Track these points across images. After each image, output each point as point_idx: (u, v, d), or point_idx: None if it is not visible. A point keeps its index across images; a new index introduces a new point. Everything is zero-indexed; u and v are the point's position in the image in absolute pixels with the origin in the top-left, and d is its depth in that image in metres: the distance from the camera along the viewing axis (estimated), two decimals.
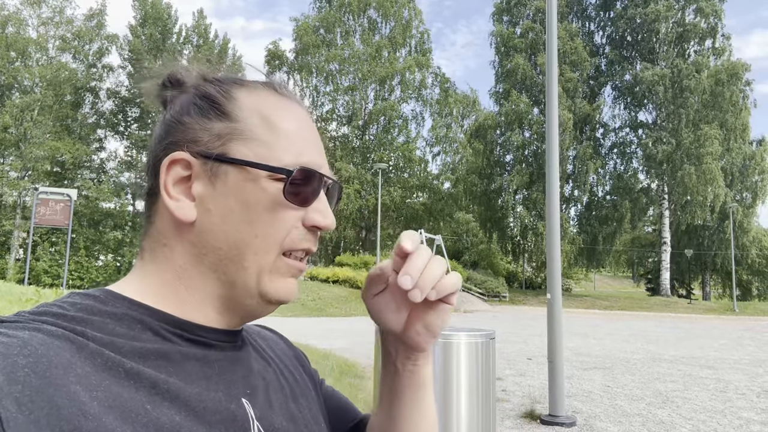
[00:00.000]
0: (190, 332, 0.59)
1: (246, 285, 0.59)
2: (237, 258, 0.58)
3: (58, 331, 0.49)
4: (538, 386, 7.76)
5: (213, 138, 0.60)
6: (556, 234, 6.49)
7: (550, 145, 6.54)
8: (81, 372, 0.46)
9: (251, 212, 0.58)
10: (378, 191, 26.31)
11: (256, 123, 0.60)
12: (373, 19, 41.90)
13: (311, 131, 0.64)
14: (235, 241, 0.58)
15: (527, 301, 34.43)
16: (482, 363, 2.54)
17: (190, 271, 0.59)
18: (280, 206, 0.59)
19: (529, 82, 37.93)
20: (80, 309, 0.53)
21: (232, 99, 0.62)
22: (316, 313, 20.16)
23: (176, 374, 0.54)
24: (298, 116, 0.64)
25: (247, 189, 0.59)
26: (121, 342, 0.52)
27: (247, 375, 0.62)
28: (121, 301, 0.57)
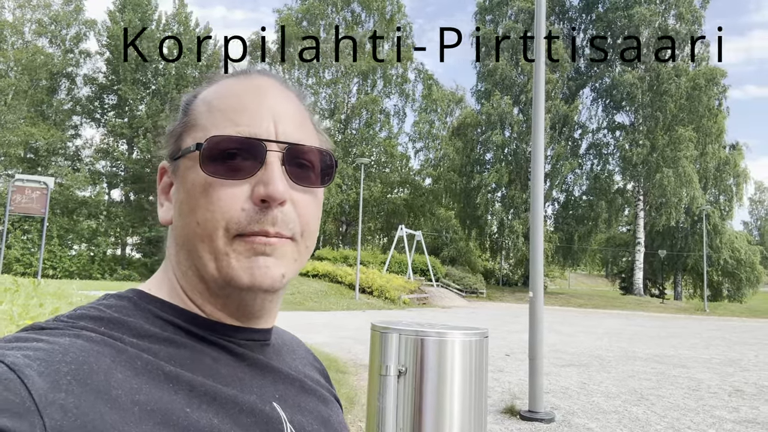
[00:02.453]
0: (221, 333, 0.59)
1: (211, 275, 0.57)
2: (192, 250, 0.57)
3: (97, 336, 0.49)
4: (516, 382, 7.87)
5: (172, 138, 0.62)
6: (540, 232, 6.59)
7: (536, 145, 6.63)
8: (121, 377, 0.46)
9: (191, 199, 0.57)
10: (359, 186, 26.29)
11: (201, 110, 0.60)
12: (356, 13, 41.76)
13: (256, 99, 0.59)
14: (187, 233, 0.58)
15: (504, 297, 34.82)
16: (476, 361, 2.61)
17: (181, 270, 0.60)
18: (213, 186, 0.56)
19: (510, 82, 38.23)
20: (116, 311, 0.54)
21: (194, 98, 0.63)
22: (295, 307, 20.10)
23: (212, 377, 0.54)
24: (244, 88, 0.61)
25: (188, 177, 0.58)
26: (157, 346, 0.52)
27: (277, 379, 0.63)
28: (152, 302, 0.58)
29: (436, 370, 2.60)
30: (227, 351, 0.58)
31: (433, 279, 32.05)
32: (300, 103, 0.64)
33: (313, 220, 0.61)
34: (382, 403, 2.39)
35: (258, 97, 0.59)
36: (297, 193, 0.58)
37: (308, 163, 0.60)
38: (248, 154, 0.56)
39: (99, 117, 39.56)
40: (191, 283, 0.59)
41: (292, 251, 0.59)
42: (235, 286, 0.56)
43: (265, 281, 0.56)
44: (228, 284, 0.56)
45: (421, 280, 30.74)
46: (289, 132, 0.59)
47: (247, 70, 0.64)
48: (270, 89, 0.61)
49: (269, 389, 0.60)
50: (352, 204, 37.16)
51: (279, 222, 0.56)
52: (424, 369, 2.50)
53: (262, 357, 0.62)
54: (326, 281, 25.27)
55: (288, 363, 0.68)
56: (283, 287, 0.60)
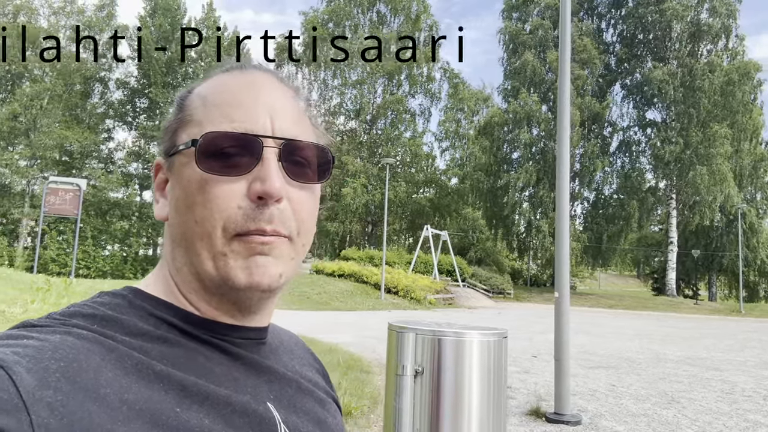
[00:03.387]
0: (215, 331, 0.58)
1: (207, 274, 0.56)
2: (189, 247, 0.57)
3: (88, 334, 0.49)
4: (543, 384, 7.76)
5: (167, 134, 0.61)
6: (566, 233, 6.47)
7: (561, 144, 6.52)
8: (111, 375, 0.46)
9: (189, 197, 0.56)
10: (385, 186, 26.28)
11: (196, 106, 0.59)
12: (382, 13, 41.77)
13: (252, 94, 0.58)
14: (184, 231, 0.57)
15: (532, 298, 34.40)
16: (494, 362, 2.55)
17: (176, 267, 0.59)
18: (210, 183, 0.55)
19: (538, 80, 37.74)
20: (110, 308, 0.54)
21: (190, 94, 0.62)
22: (321, 307, 20.21)
23: (205, 376, 0.53)
24: (239, 83, 0.60)
25: (184, 174, 0.57)
26: (150, 345, 0.52)
27: (272, 378, 0.62)
28: (147, 300, 0.57)
29: (453, 370, 2.57)
30: (221, 350, 0.57)
31: (460, 279, 31.86)
32: (297, 99, 0.64)
33: (310, 217, 0.60)
34: (399, 403, 2.37)
35: (253, 92, 0.58)
36: (294, 190, 0.57)
37: (305, 160, 0.59)
38: (244, 150, 0.55)
39: (131, 120, 40.50)
40: (186, 281, 0.58)
41: (289, 250, 0.58)
42: (233, 286, 0.55)
43: (263, 281, 0.55)
44: (225, 283, 0.55)
45: (447, 281, 30.59)
46: (285, 128, 0.58)
47: (242, 65, 0.63)
48: (265, 84, 0.60)
49: (264, 389, 0.59)
50: (378, 204, 37.16)
51: (276, 220, 0.55)
52: (441, 369, 2.47)
53: (257, 356, 0.61)
54: (352, 281, 25.35)
55: (284, 363, 0.67)
56: (281, 287, 0.58)
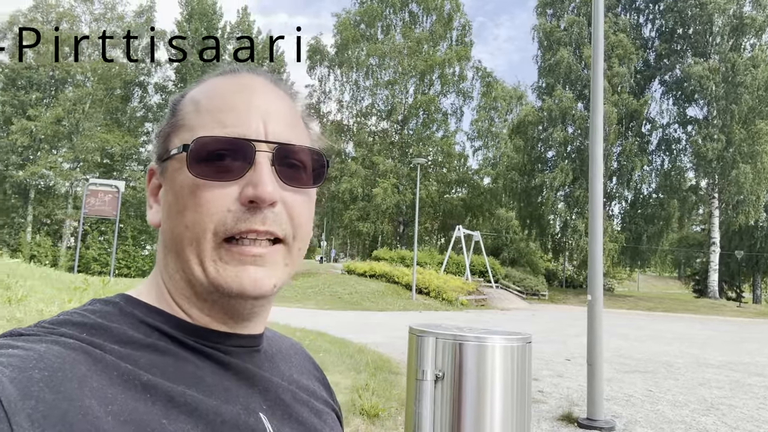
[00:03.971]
0: (207, 339, 0.57)
1: (198, 280, 0.55)
2: (180, 253, 0.56)
3: (75, 343, 0.48)
4: (576, 388, 7.59)
5: (160, 139, 0.61)
6: (599, 233, 6.31)
7: (594, 142, 6.36)
8: (96, 386, 0.45)
9: (179, 202, 0.56)
10: (416, 186, 26.21)
11: (189, 110, 0.59)
12: (414, 13, 41.68)
13: (245, 98, 0.58)
14: (174, 236, 0.56)
15: (567, 299, 33.77)
16: (518, 367, 2.48)
17: (168, 273, 0.59)
18: (201, 188, 0.54)
19: (574, 77, 37.02)
20: (100, 316, 0.53)
21: (183, 98, 0.62)
22: (352, 307, 20.28)
23: (194, 386, 0.52)
24: (232, 87, 0.59)
25: (176, 179, 0.57)
26: (139, 354, 0.51)
27: (266, 388, 0.60)
28: (138, 307, 0.57)
29: (475, 376, 2.51)
30: (212, 359, 0.56)
31: (492, 280, 31.51)
32: (291, 102, 0.63)
33: (306, 221, 0.60)
34: (419, 408, 2.33)
35: (246, 96, 0.58)
36: (288, 194, 0.57)
37: (299, 163, 0.58)
38: (237, 155, 0.54)
39: None
40: (178, 287, 0.58)
41: (284, 256, 0.57)
42: (223, 293, 0.55)
43: (255, 291, 0.55)
44: (216, 290, 0.55)
45: (479, 282, 30.28)
46: (278, 131, 0.57)
47: (236, 69, 0.62)
48: (259, 88, 0.60)
49: (256, 399, 0.58)
50: (409, 204, 37.08)
51: (270, 221, 0.54)
52: (462, 374, 2.41)
53: (250, 365, 0.60)
54: (383, 281, 25.35)
55: (281, 371, 0.66)
56: (274, 294, 0.58)
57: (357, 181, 36.87)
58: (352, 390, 5.80)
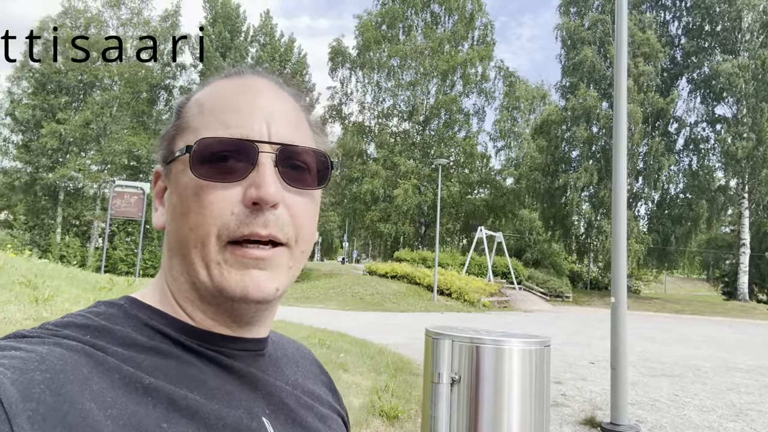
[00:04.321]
0: (211, 342, 0.57)
1: (202, 283, 0.55)
2: (185, 255, 0.56)
3: (77, 345, 0.48)
4: (600, 392, 7.48)
5: (165, 141, 0.61)
6: (623, 234, 6.20)
7: (618, 141, 6.25)
8: (97, 389, 0.45)
9: (184, 204, 0.55)
10: (437, 187, 26.09)
11: (193, 112, 0.59)
12: (435, 14, 41.56)
13: (248, 99, 0.58)
14: (179, 239, 0.56)
15: (592, 302, 33.27)
16: (536, 372, 2.44)
17: (172, 276, 0.59)
18: (205, 190, 0.54)
19: (598, 76, 36.51)
20: (104, 318, 0.53)
21: (188, 101, 0.62)
22: (373, 308, 20.29)
23: (196, 389, 0.52)
24: (236, 88, 0.59)
25: (181, 181, 0.56)
26: (142, 356, 0.51)
27: (270, 392, 0.60)
28: (143, 310, 0.56)
29: (492, 379, 2.47)
30: (216, 362, 0.56)
31: (515, 282, 31.22)
32: (296, 104, 0.63)
33: (309, 223, 0.59)
34: (435, 412, 2.31)
35: (250, 98, 0.58)
36: (291, 196, 0.56)
37: (303, 165, 0.58)
38: (240, 156, 0.54)
39: None
40: (182, 290, 0.58)
41: (287, 258, 0.57)
42: (227, 297, 0.55)
43: (258, 295, 0.54)
44: (220, 294, 0.55)
45: (502, 283, 30.02)
46: (281, 132, 0.57)
47: (240, 71, 0.62)
48: (263, 89, 0.60)
49: (259, 403, 0.57)
50: (431, 205, 36.96)
51: (271, 224, 0.54)
52: (479, 378, 2.38)
53: (254, 369, 0.59)
54: (405, 282, 25.29)
55: (286, 376, 0.65)
56: (278, 298, 0.58)
57: (378, 182, 36.89)
58: (372, 391, 5.79)
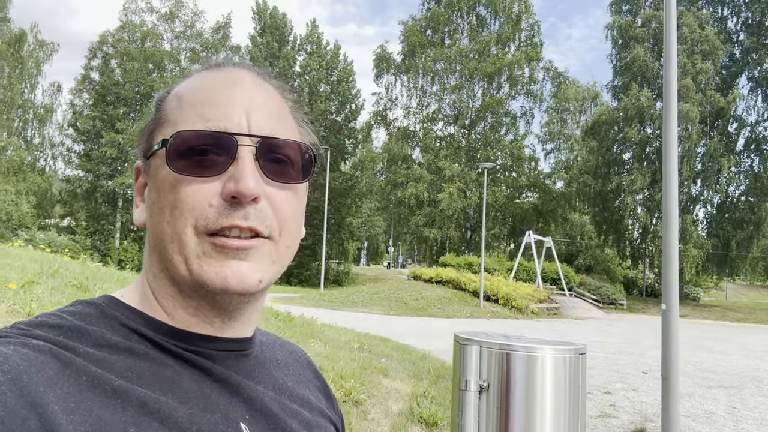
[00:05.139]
0: (189, 343, 0.55)
1: (182, 278, 0.53)
2: (163, 250, 0.54)
3: (45, 346, 0.46)
4: (651, 403, 7.17)
5: (144, 136, 0.59)
6: (674, 238, 5.91)
7: (668, 142, 5.98)
8: (60, 392, 0.43)
9: (161, 198, 0.54)
10: (483, 191, 25.76)
11: (172, 106, 0.58)
12: (481, 16, 41.19)
13: (229, 92, 0.56)
14: (157, 234, 0.55)
15: (647, 309, 32.05)
16: (570, 381, 2.32)
17: (153, 273, 0.57)
18: (182, 183, 0.52)
19: (651, 75, 35.28)
20: (79, 318, 0.51)
21: (168, 94, 0.60)
22: (418, 313, 20.18)
23: (170, 391, 0.50)
24: (216, 81, 0.57)
25: (159, 175, 0.55)
26: (115, 357, 0.49)
27: (251, 396, 0.57)
28: (120, 310, 0.55)
29: (523, 387, 2.38)
30: (193, 364, 0.54)
31: (566, 288, 30.43)
32: (279, 96, 0.62)
33: (293, 217, 0.57)
34: (462, 420, 2.24)
35: (230, 90, 0.56)
36: (273, 189, 0.55)
37: (285, 158, 0.56)
38: (218, 150, 0.53)
39: None
40: (163, 287, 0.56)
41: (270, 252, 0.55)
42: (208, 290, 0.53)
43: (239, 286, 0.52)
44: (200, 287, 0.53)
45: (551, 289, 29.32)
46: (262, 125, 0.55)
47: (220, 62, 0.60)
48: (244, 81, 0.58)
49: (238, 408, 0.55)
50: (476, 209, 36.53)
51: (252, 217, 0.52)
52: (509, 386, 2.30)
53: (234, 372, 0.57)
54: (450, 288, 25.03)
55: (273, 379, 0.63)
56: (261, 291, 0.56)
57: (423, 186, 36.76)
58: (412, 397, 5.73)
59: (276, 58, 39.62)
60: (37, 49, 35.57)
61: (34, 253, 7.54)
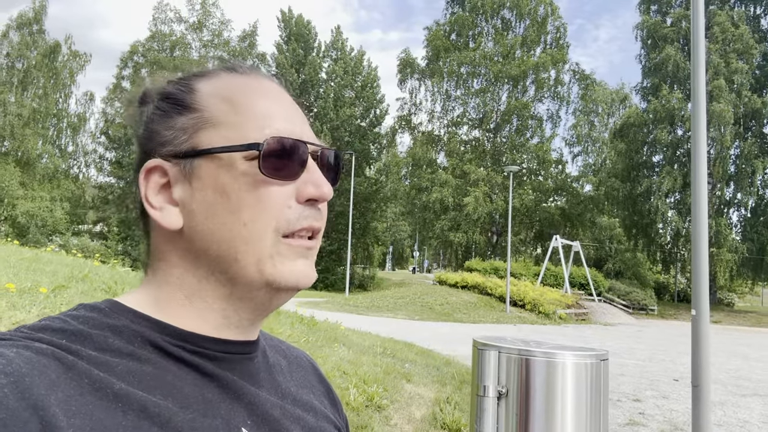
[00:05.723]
0: (194, 344, 0.55)
1: (247, 279, 0.55)
2: (229, 253, 0.54)
3: (48, 349, 0.46)
4: (682, 411, 7.00)
5: (179, 134, 0.57)
6: (704, 242, 5.77)
7: (697, 145, 5.85)
8: (62, 396, 0.43)
9: (232, 201, 0.54)
10: (509, 195, 25.51)
11: (221, 107, 0.57)
12: (506, 19, 40.94)
13: (282, 102, 0.60)
14: (223, 236, 0.55)
15: (679, 315, 31.28)
16: (592, 387, 2.28)
17: (189, 279, 0.57)
18: (262, 186, 0.55)
19: (682, 75, 34.55)
20: (82, 322, 0.51)
21: (193, 91, 0.59)
22: (443, 318, 20.06)
23: (171, 396, 0.50)
24: (265, 90, 0.60)
25: (224, 177, 0.55)
26: (116, 361, 0.49)
27: (253, 401, 0.57)
28: (124, 314, 0.54)
29: (543, 395, 2.34)
30: (196, 368, 0.54)
31: (594, 293, 29.91)
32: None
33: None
34: (480, 426, 2.21)
35: (282, 100, 0.61)
36: None
37: (332, 166, 0.62)
38: (296, 156, 0.56)
39: None
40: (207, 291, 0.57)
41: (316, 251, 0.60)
42: (276, 287, 0.56)
43: (307, 282, 0.57)
44: (268, 286, 0.55)
45: (579, 295, 28.83)
46: (310, 134, 0.60)
47: (247, 69, 0.63)
48: (283, 92, 0.62)
49: (240, 413, 0.54)
50: (502, 213, 36.20)
51: (322, 218, 0.58)
52: (529, 392, 2.27)
53: (236, 377, 0.57)
54: (475, 293, 24.80)
55: (276, 384, 0.63)
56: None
57: (448, 190, 36.58)
58: (435, 403, 5.69)
59: (302, 65, 40.01)
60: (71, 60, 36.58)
61: (65, 258, 7.74)
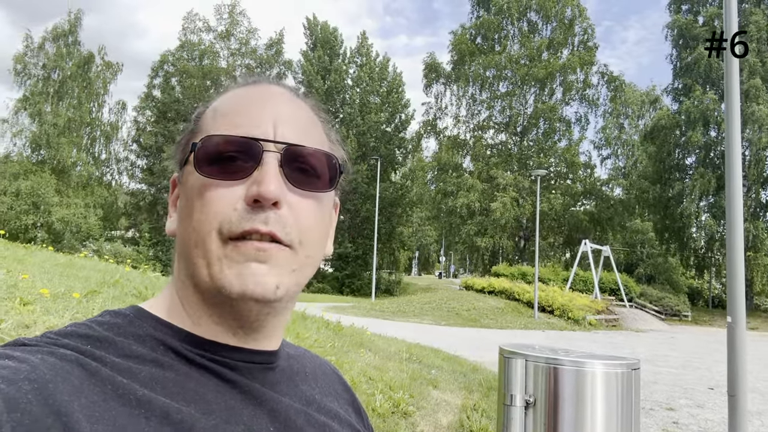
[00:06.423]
0: (214, 352, 0.55)
1: (204, 285, 0.54)
2: (189, 258, 0.55)
3: (72, 355, 0.47)
4: (718, 421, 6.79)
5: (181, 148, 0.61)
6: (739, 247, 5.59)
7: (731, 146, 5.68)
8: (85, 402, 0.43)
9: (189, 204, 0.55)
10: (536, 199, 25.19)
11: (207, 118, 0.60)
12: (533, 22, 40.55)
13: (256, 103, 0.58)
14: (183, 240, 0.56)
15: (714, 321, 30.44)
16: (622, 397, 2.22)
17: (180, 281, 0.58)
18: (209, 188, 0.54)
19: (715, 75, 33.71)
20: (107, 328, 0.52)
21: (205, 110, 0.62)
22: (470, 324, 19.87)
23: (194, 402, 0.50)
24: (250, 95, 0.60)
25: (189, 182, 0.57)
26: (140, 368, 0.49)
27: (275, 408, 0.57)
28: (148, 320, 0.55)
29: (572, 404, 2.28)
30: (218, 375, 0.54)
31: (625, 299, 29.29)
32: (311, 112, 0.63)
33: (316, 226, 0.57)
34: None
35: (261, 102, 0.58)
36: (295, 197, 0.55)
37: (310, 167, 0.57)
38: (244, 155, 0.54)
39: None
40: (188, 295, 0.57)
41: (289, 260, 0.54)
42: (226, 295, 0.52)
43: (257, 290, 0.52)
44: (219, 292, 0.53)
45: (610, 300, 28.26)
46: (288, 134, 0.56)
47: (256, 79, 0.63)
48: (276, 95, 0.60)
49: (262, 420, 0.54)
50: (530, 218, 35.76)
51: (272, 222, 0.53)
52: (557, 403, 2.22)
53: (258, 384, 0.57)
54: (503, 298, 24.53)
55: (300, 392, 0.63)
56: (280, 300, 0.55)
57: (474, 195, 36.31)
58: (462, 410, 5.63)
59: (327, 71, 40.31)
60: (104, 70, 37.51)
61: (98, 264, 7.90)
